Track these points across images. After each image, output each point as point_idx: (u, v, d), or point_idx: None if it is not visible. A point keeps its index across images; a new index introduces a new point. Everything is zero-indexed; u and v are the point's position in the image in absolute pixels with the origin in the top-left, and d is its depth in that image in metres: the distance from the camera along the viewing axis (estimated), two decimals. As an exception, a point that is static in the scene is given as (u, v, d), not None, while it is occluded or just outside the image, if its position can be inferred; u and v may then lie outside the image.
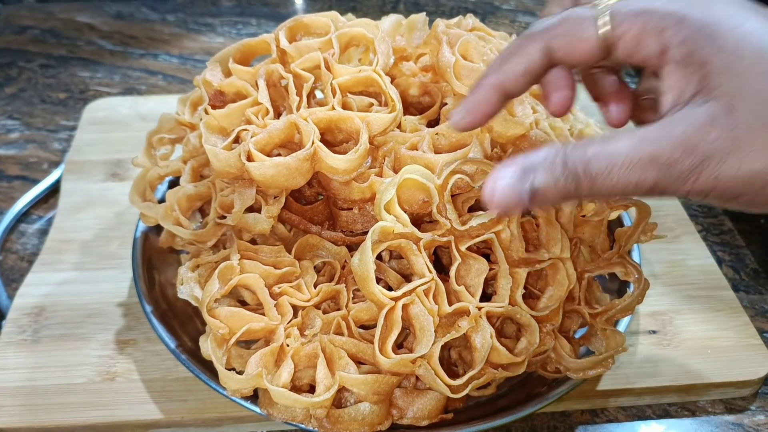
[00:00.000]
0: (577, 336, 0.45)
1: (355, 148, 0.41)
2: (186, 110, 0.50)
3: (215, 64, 0.47)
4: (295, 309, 0.42)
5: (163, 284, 0.51)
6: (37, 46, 0.87)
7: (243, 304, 0.44)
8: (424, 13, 0.50)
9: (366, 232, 0.44)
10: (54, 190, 0.65)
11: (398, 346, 0.41)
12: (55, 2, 0.94)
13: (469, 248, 0.40)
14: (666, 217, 0.61)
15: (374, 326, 0.43)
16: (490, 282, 0.42)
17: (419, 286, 0.38)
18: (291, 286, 0.43)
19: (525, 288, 0.41)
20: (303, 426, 0.40)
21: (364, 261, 0.38)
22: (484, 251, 0.43)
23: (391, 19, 0.51)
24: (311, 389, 0.40)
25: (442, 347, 0.39)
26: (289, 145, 0.43)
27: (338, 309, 0.43)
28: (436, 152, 0.42)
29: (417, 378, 0.42)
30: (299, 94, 0.43)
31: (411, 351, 0.39)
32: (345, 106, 0.43)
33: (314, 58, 0.44)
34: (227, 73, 0.47)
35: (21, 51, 0.85)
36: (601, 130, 0.52)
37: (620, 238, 0.44)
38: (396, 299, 0.38)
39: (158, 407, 0.47)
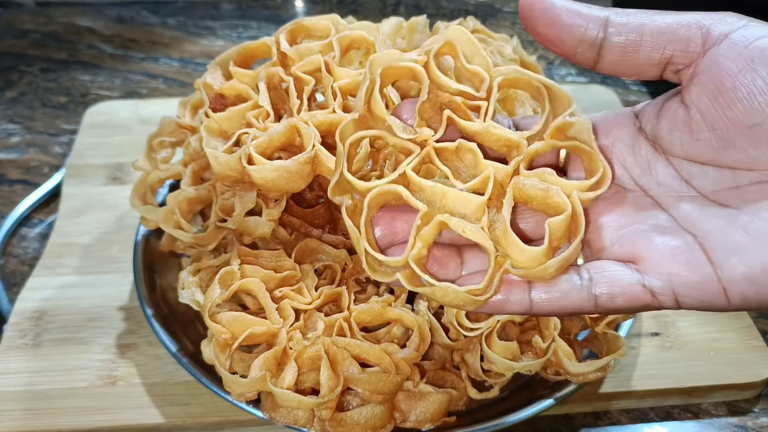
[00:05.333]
0: (580, 338, 0.45)
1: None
2: (186, 113, 0.50)
3: (216, 67, 0.47)
4: (297, 312, 0.42)
5: (164, 288, 0.51)
6: (38, 50, 0.87)
7: (244, 308, 0.44)
8: (425, 16, 0.50)
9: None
10: (55, 194, 0.65)
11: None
12: (55, 6, 0.94)
13: None
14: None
15: (376, 328, 0.43)
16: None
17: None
18: (292, 290, 0.42)
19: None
20: (306, 430, 0.40)
21: None
22: None
23: (391, 22, 0.50)
24: (314, 393, 0.40)
25: (445, 350, 0.39)
26: (289, 148, 0.43)
27: (340, 311, 0.43)
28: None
29: (419, 380, 0.42)
30: (300, 97, 0.43)
31: None
32: (346, 109, 0.43)
33: (315, 61, 0.44)
34: (228, 76, 0.47)
35: (22, 55, 0.85)
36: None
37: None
38: None
39: (160, 411, 0.46)
